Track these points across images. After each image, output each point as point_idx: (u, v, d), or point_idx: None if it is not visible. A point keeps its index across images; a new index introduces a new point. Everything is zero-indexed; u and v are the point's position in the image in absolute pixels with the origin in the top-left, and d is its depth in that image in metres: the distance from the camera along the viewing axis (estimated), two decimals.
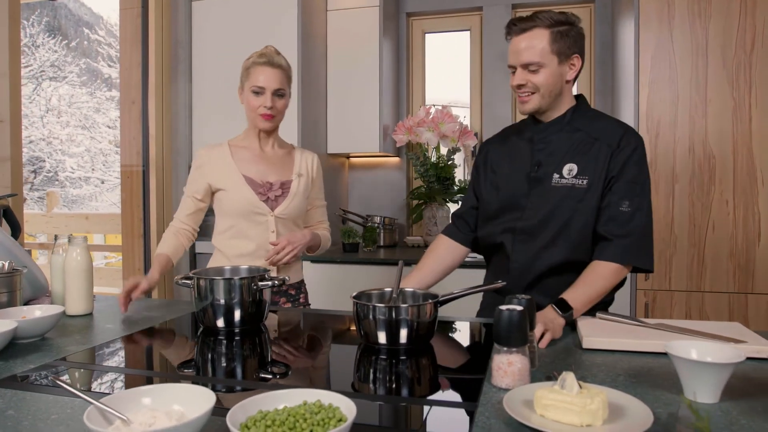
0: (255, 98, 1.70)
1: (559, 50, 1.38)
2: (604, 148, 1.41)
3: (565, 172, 1.43)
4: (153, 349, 1.30)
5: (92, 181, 9.90)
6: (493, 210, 1.55)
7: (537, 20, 1.38)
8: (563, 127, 1.46)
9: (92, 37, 10.37)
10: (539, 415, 0.82)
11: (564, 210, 1.42)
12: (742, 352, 0.91)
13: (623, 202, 1.38)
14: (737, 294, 2.31)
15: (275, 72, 1.70)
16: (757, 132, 2.27)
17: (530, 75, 1.39)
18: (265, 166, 1.76)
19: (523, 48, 1.38)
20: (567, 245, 1.43)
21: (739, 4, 2.26)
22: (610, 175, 1.39)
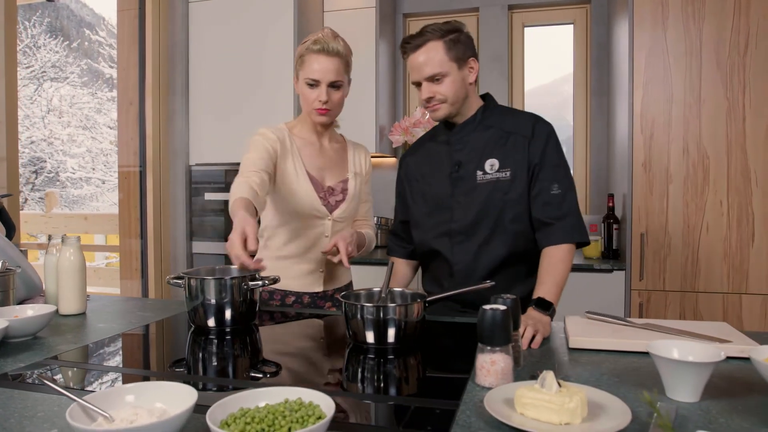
0: (309, 91, 1.55)
1: (456, 57, 1.44)
2: (520, 139, 1.48)
3: (487, 167, 1.49)
4: (144, 348, 1.31)
5: (93, 181, 9.93)
6: (422, 216, 1.59)
7: (428, 34, 1.44)
8: (476, 126, 1.52)
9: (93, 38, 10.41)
10: (519, 413, 0.83)
11: (494, 204, 1.47)
12: (723, 352, 0.92)
13: (553, 186, 1.45)
14: (731, 294, 2.31)
15: (331, 61, 1.52)
16: (750, 133, 2.27)
17: (435, 86, 1.44)
18: (323, 162, 1.64)
19: (422, 62, 1.44)
20: (505, 238, 1.48)
21: (732, 6, 2.26)
22: (532, 164, 1.46)
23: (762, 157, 2.26)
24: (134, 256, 2.92)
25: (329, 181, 1.64)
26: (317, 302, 1.68)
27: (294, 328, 1.48)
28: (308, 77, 1.54)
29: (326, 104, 1.55)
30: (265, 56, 2.89)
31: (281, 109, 2.86)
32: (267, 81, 2.89)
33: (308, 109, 1.58)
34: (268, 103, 2.89)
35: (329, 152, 1.67)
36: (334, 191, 1.64)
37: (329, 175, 1.65)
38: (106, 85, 10.17)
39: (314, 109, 1.56)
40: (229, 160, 2.95)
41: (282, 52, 2.86)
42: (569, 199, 1.45)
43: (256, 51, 2.90)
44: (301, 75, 1.57)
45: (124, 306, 1.64)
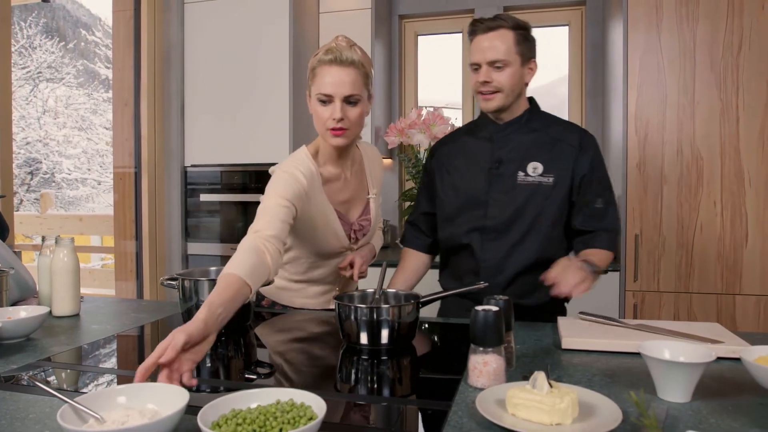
0: (322, 108, 1.35)
1: (522, 52, 1.45)
2: (567, 148, 1.50)
3: (529, 170, 1.49)
4: (139, 349, 1.31)
5: (89, 182, 9.91)
6: (454, 210, 1.57)
7: (502, 21, 1.43)
8: (521, 128, 1.52)
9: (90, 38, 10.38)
10: (511, 414, 0.83)
11: (532, 206, 1.48)
12: (714, 352, 0.92)
13: (597, 200, 1.49)
14: (725, 295, 2.32)
15: (345, 72, 1.32)
16: (744, 134, 2.28)
17: (495, 72, 1.44)
18: (348, 195, 1.52)
19: (488, 46, 1.43)
20: (538, 241, 1.49)
21: (726, 7, 2.27)
22: (578, 175, 1.49)
23: (755, 157, 2.27)
24: (129, 257, 2.91)
25: (354, 214, 1.55)
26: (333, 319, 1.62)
27: (288, 329, 1.48)
28: (320, 92, 1.34)
29: (341, 122, 1.34)
30: (261, 58, 2.89)
31: (277, 111, 2.86)
32: (262, 82, 2.89)
33: (322, 130, 1.38)
34: (263, 104, 2.89)
35: (352, 181, 1.53)
36: (362, 227, 1.55)
37: (353, 208, 1.55)
38: (102, 85, 10.15)
39: (328, 129, 1.36)
40: (225, 161, 2.95)
41: (277, 54, 2.86)
42: (611, 213, 1.50)
43: (251, 52, 2.90)
44: (313, 91, 1.38)
45: (118, 307, 1.63)
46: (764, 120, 2.26)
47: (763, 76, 2.25)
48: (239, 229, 2.93)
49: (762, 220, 2.28)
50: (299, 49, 2.91)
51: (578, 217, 1.49)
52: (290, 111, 2.84)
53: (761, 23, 2.24)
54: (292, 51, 2.83)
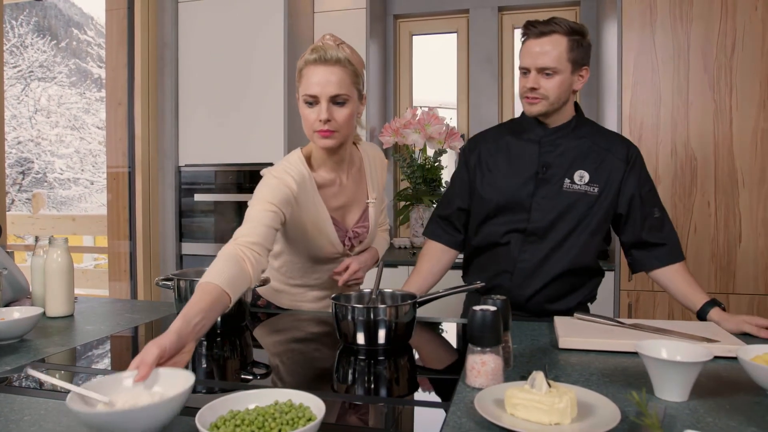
0: (308, 110, 1.31)
1: (574, 59, 1.41)
2: (616, 161, 1.49)
3: (576, 178, 1.48)
4: (133, 350, 1.30)
5: (81, 182, 9.84)
6: (493, 209, 1.54)
7: (556, 26, 1.39)
8: (569, 134, 1.51)
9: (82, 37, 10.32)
10: (509, 414, 0.83)
11: (575, 214, 1.48)
12: (711, 351, 0.92)
13: (654, 210, 1.50)
14: (719, 294, 2.33)
15: (330, 71, 1.27)
16: (737, 134, 2.29)
17: (544, 79, 1.42)
18: (344, 200, 1.48)
19: (540, 51, 1.40)
20: (574, 248, 1.49)
21: (720, 9, 2.29)
22: (628, 190, 1.49)
23: (748, 158, 2.29)
24: (123, 257, 2.89)
25: (351, 220, 1.51)
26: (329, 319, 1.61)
27: (285, 329, 1.48)
28: (306, 93, 1.30)
29: (328, 124, 1.29)
30: (255, 57, 2.88)
31: (271, 110, 2.85)
32: (257, 82, 2.88)
33: (309, 133, 1.34)
34: (257, 103, 2.88)
35: (349, 186, 1.49)
36: (358, 235, 1.51)
37: (350, 213, 1.51)
38: (94, 85, 10.08)
39: (315, 131, 1.31)
40: (219, 161, 2.93)
41: (272, 53, 2.85)
42: (667, 221, 1.53)
43: (245, 51, 2.89)
44: (300, 92, 1.33)
45: (112, 308, 1.62)
46: (757, 121, 2.27)
47: (756, 76, 2.27)
48: (234, 229, 2.90)
49: (755, 220, 2.29)
50: (294, 49, 2.90)
51: (642, 229, 1.50)
52: (285, 110, 2.83)
53: (754, 24, 2.26)
54: (286, 50, 2.83)
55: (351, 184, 1.49)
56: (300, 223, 1.39)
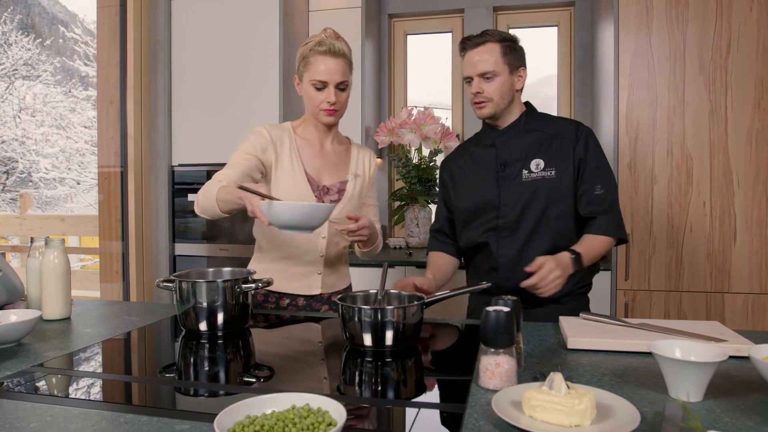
0: (316, 93, 1.54)
1: (509, 62, 1.55)
2: (565, 142, 1.57)
3: (533, 167, 1.57)
4: (135, 353, 1.27)
5: (67, 182, 9.70)
6: (469, 215, 1.65)
7: (488, 36, 1.55)
8: (520, 129, 1.61)
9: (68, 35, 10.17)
10: (528, 416, 0.82)
11: (539, 200, 1.55)
12: (725, 351, 0.92)
13: (596, 186, 1.55)
14: (714, 294, 2.35)
15: (337, 62, 1.52)
16: (732, 135, 2.31)
17: (485, 83, 1.54)
18: (322, 163, 1.64)
19: (478, 60, 1.54)
20: (549, 232, 1.55)
21: (715, 10, 2.30)
22: (577, 165, 1.56)
23: (743, 158, 2.31)
24: (115, 258, 2.85)
25: (326, 182, 1.63)
26: (312, 305, 1.65)
27: (288, 331, 1.46)
28: (315, 79, 1.53)
29: (334, 105, 1.55)
30: (250, 55, 2.86)
31: (266, 109, 2.82)
32: (251, 80, 2.85)
33: (315, 111, 1.58)
34: (252, 102, 2.85)
35: (330, 154, 1.66)
36: (329, 191, 1.62)
37: (327, 175, 1.64)
38: (80, 83, 9.94)
39: (322, 110, 1.56)
40: (213, 161, 2.90)
41: (267, 52, 2.82)
42: (611, 197, 1.56)
43: (240, 50, 2.86)
44: (306, 77, 1.55)
45: (109, 310, 1.59)
46: (752, 121, 2.29)
47: (750, 77, 2.29)
48: (227, 230, 2.89)
49: (749, 219, 2.31)
50: (289, 47, 2.88)
51: (580, 205, 1.56)
52: (280, 109, 2.80)
53: (749, 25, 2.28)
54: (282, 49, 2.80)
55: (332, 155, 1.66)
56: (278, 171, 1.58)
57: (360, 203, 1.68)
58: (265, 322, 1.51)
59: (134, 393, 1.00)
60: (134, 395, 0.99)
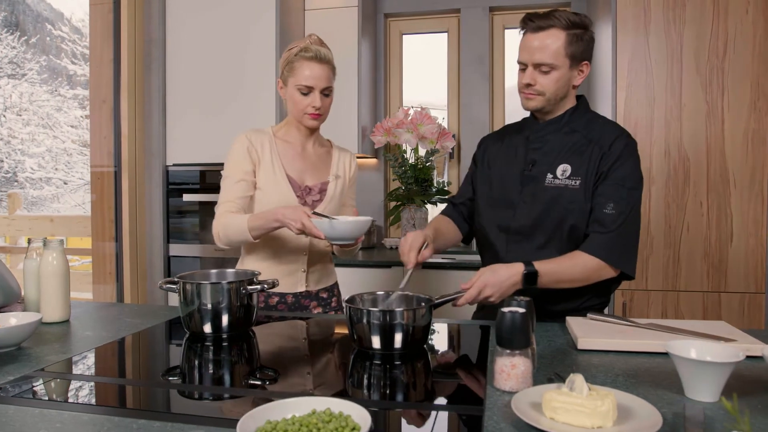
0: (301, 98, 1.59)
1: (572, 54, 1.37)
2: (596, 149, 1.40)
3: (558, 172, 1.42)
4: (138, 357, 1.25)
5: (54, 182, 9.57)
6: (484, 205, 1.54)
7: (554, 20, 1.35)
8: (561, 128, 1.45)
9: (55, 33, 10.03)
10: (549, 418, 0.81)
11: (556, 211, 1.40)
12: (741, 351, 0.92)
13: (608, 204, 1.36)
14: (711, 293, 2.37)
15: (323, 68, 1.58)
16: (729, 135, 2.33)
17: (540, 75, 1.38)
18: (303, 165, 1.68)
19: (537, 47, 1.36)
20: (559, 247, 1.41)
21: (711, 12, 2.32)
22: (598, 176, 1.39)
23: (739, 159, 2.33)
24: (108, 259, 2.81)
25: (309, 182, 1.67)
26: (301, 301, 1.68)
27: (291, 331, 1.44)
28: (301, 84, 1.57)
29: (319, 110, 1.60)
30: (246, 54, 2.83)
31: (262, 109, 2.80)
32: (247, 79, 2.83)
33: (299, 115, 1.62)
34: (248, 102, 2.82)
35: (312, 156, 1.70)
36: (311, 191, 1.66)
37: (309, 176, 1.68)
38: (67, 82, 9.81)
39: (307, 114, 1.60)
40: (208, 161, 2.87)
41: (263, 51, 2.80)
42: (620, 222, 1.35)
43: (236, 49, 2.83)
44: (290, 81, 1.60)
45: (109, 312, 1.56)
46: (748, 122, 2.32)
47: (747, 78, 2.31)
48: None
49: (746, 219, 2.33)
50: (285, 46, 2.85)
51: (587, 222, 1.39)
52: (277, 108, 2.78)
53: (745, 27, 2.30)
54: (278, 48, 2.78)
55: (313, 156, 1.71)
56: (260, 175, 1.63)
57: (341, 203, 1.73)
58: (269, 324, 1.49)
59: (143, 397, 0.98)
60: (143, 400, 0.97)
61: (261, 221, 1.49)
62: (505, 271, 1.29)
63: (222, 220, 1.57)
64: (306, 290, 1.68)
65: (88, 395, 0.97)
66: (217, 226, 1.58)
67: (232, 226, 1.54)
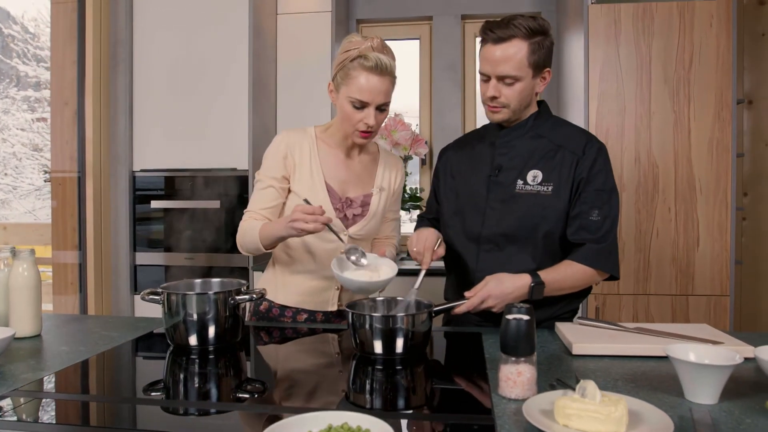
0: (353, 111, 1.40)
1: (535, 63, 1.35)
2: (569, 155, 1.40)
3: (529, 178, 1.41)
4: (126, 373, 1.19)
5: (1, 187, 9.11)
6: (451, 215, 1.52)
7: (514, 29, 1.32)
8: (525, 132, 1.44)
9: (6, 32, 9.59)
10: (562, 425, 0.81)
11: (530, 217, 1.39)
12: (738, 354, 0.94)
13: (593, 212, 1.37)
14: (679, 296, 2.45)
15: (383, 81, 1.37)
16: (695, 144, 2.42)
17: (504, 87, 1.36)
18: (347, 175, 1.52)
19: (499, 58, 1.33)
20: (534, 254, 1.41)
21: (678, 25, 2.41)
22: (576, 183, 1.39)
23: (705, 166, 2.42)
24: (70, 268, 2.68)
25: (351, 194, 1.53)
26: (332, 320, 1.55)
27: (291, 344, 1.40)
28: (355, 97, 1.38)
29: (371, 128, 1.42)
30: (216, 57, 2.77)
31: (234, 113, 2.74)
32: (218, 83, 2.76)
33: (348, 130, 1.44)
34: (220, 105, 2.76)
35: (355, 165, 1.55)
36: (353, 203, 1.51)
37: (352, 187, 1.53)
38: (16, 83, 9.38)
39: (357, 131, 1.42)
40: (177, 166, 2.79)
41: (236, 54, 2.74)
42: (607, 227, 1.37)
43: (206, 51, 2.76)
44: (343, 90, 1.40)
45: (82, 325, 1.48)
46: (713, 131, 2.41)
47: (711, 89, 2.40)
48: (194, 238, 2.77)
49: (711, 225, 2.42)
50: (258, 50, 2.81)
51: (570, 228, 1.39)
52: (249, 113, 2.73)
53: (709, 40, 2.39)
54: (251, 51, 2.73)
55: (357, 165, 1.56)
56: (297, 180, 1.50)
57: (383, 218, 1.58)
58: (259, 333, 1.45)
59: (138, 416, 0.93)
60: (139, 419, 0.92)
61: (270, 229, 1.39)
62: (511, 283, 1.31)
63: (242, 226, 1.48)
64: (338, 309, 1.54)
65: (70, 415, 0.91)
66: (238, 233, 1.49)
67: (248, 233, 1.44)
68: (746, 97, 2.91)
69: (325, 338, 1.40)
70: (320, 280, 1.53)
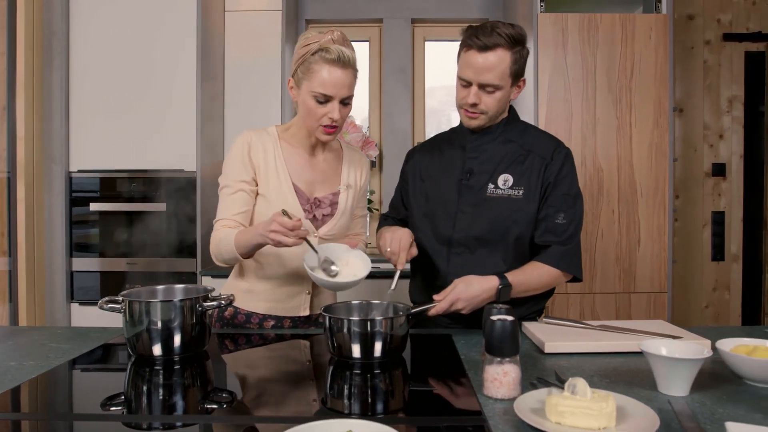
0: (316, 106, 1.36)
1: (515, 72, 1.38)
2: (538, 160, 1.44)
3: (500, 182, 1.44)
4: (77, 386, 1.11)
5: None
6: (420, 218, 1.52)
7: (498, 37, 1.33)
8: (496, 137, 1.47)
9: None
10: (555, 422, 0.83)
11: (502, 221, 1.42)
12: (706, 348, 1.00)
13: (559, 215, 1.42)
14: (622, 294, 2.57)
15: (346, 74, 1.34)
16: (636, 149, 2.55)
17: (485, 95, 1.38)
18: (312, 174, 1.49)
19: (483, 66, 1.35)
20: (506, 258, 1.43)
21: (620, 36, 2.54)
22: (544, 187, 1.43)
23: (645, 171, 2.56)
24: None
25: (318, 193, 1.50)
26: (300, 326, 1.51)
27: (259, 350, 1.35)
28: (318, 91, 1.34)
29: (336, 122, 1.37)
30: (160, 52, 2.64)
31: (180, 111, 2.63)
32: (161, 79, 2.64)
33: (313, 126, 1.40)
34: (163, 103, 2.64)
35: (320, 164, 1.52)
36: (321, 203, 1.49)
37: (319, 187, 1.50)
38: None
39: (321, 126, 1.38)
40: (116, 167, 2.64)
41: (182, 49, 2.63)
42: (572, 230, 1.42)
43: (149, 45, 2.64)
44: (305, 85, 1.36)
45: (28, 338, 1.37)
46: (652, 137, 2.55)
47: (650, 98, 2.54)
48: (132, 242, 2.63)
49: (651, 226, 2.56)
50: (205, 46, 2.71)
51: (537, 230, 1.43)
52: (198, 111, 2.63)
53: (648, 51, 2.54)
54: (200, 48, 2.63)
55: (323, 164, 1.52)
56: (263, 183, 1.45)
57: (352, 216, 1.56)
58: (226, 341, 1.39)
59: None
60: None
61: (246, 237, 1.33)
62: (479, 286, 1.31)
63: (215, 236, 1.41)
64: (308, 314, 1.51)
65: None
66: (212, 243, 1.42)
67: (223, 242, 1.37)
68: (678, 106, 3.10)
69: (296, 344, 1.37)
70: (291, 286, 1.49)
